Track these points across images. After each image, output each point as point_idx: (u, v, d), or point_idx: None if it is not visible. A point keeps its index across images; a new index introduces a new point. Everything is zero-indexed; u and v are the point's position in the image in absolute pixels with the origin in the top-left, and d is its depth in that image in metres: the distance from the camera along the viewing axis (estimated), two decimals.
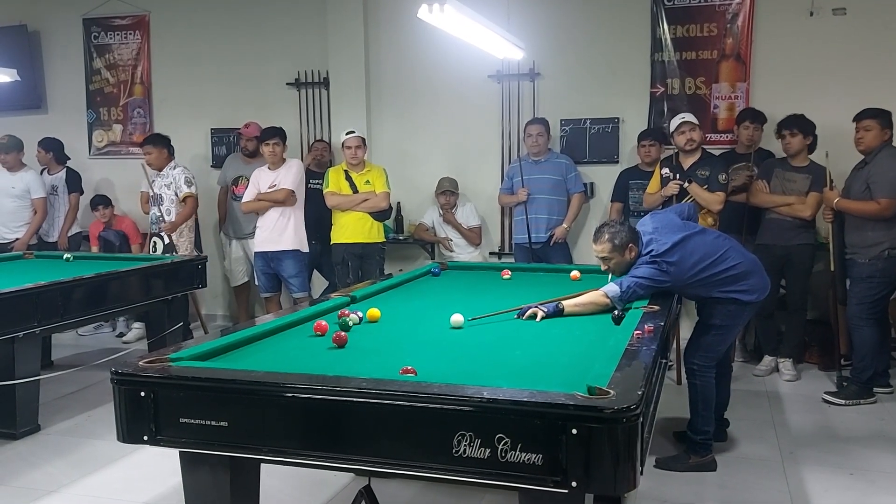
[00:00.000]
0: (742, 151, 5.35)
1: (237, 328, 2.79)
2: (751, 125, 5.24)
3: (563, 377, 2.07)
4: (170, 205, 5.80)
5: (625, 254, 3.24)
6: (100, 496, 3.37)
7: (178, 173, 5.82)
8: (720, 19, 5.65)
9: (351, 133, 5.50)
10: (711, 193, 4.72)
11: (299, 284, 5.67)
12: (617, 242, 3.23)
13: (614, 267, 3.29)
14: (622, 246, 3.23)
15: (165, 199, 5.81)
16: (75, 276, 4.36)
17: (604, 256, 3.27)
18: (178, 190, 5.79)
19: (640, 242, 3.28)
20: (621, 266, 3.27)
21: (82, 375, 4.99)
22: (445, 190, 5.96)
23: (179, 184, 5.79)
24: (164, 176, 5.85)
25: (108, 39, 7.10)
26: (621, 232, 3.26)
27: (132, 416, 2.14)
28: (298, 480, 3.37)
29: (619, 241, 3.23)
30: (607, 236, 3.25)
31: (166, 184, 5.82)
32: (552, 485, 1.77)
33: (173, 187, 5.80)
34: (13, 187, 6.21)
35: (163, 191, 5.81)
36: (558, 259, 5.53)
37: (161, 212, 5.83)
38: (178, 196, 5.79)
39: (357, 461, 2.01)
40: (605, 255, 3.26)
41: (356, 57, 6.29)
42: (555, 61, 5.99)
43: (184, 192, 5.78)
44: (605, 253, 3.25)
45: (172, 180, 5.81)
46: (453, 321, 2.87)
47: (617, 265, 3.28)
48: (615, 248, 3.23)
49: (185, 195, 5.78)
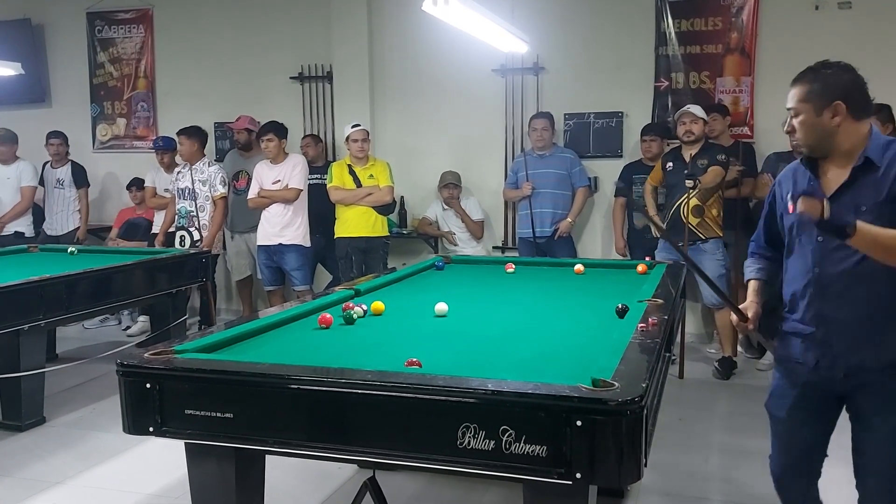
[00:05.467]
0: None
1: (242, 320, 2.79)
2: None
3: (568, 369, 2.06)
4: (204, 201, 5.78)
5: (823, 113, 2.12)
6: (105, 488, 3.39)
7: (213, 171, 5.79)
8: (725, 13, 5.64)
9: (357, 126, 5.51)
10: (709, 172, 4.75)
11: (301, 278, 5.68)
12: (816, 88, 2.12)
13: (800, 130, 2.19)
14: (824, 95, 2.11)
15: (200, 196, 5.78)
16: (80, 270, 4.38)
17: (792, 106, 2.20)
18: (212, 189, 5.75)
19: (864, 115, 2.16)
20: (812, 135, 2.17)
21: (87, 368, 5.00)
22: (448, 183, 5.97)
23: (215, 183, 5.75)
24: (197, 171, 5.80)
25: (111, 33, 7.10)
26: (837, 75, 2.12)
27: (138, 408, 2.15)
28: (303, 472, 3.39)
29: (821, 87, 2.12)
30: (810, 76, 2.16)
31: (201, 179, 5.78)
32: (556, 476, 1.77)
33: (209, 185, 5.77)
34: (8, 178, 6.23)
35: (198, 187, 5.78)
36: (562, 253, 5.53)
37: (195, 208, 5.80)
38: (211, 195, 5.76)
39: (362, 453, 2.02)
40: (794, 104, 2.19)
41: (360, 51, 6.29)
42: (559, 55, 5.98)
43: (218, 192, 5.74)
44: (795, 102, 2.18)
45: (208, 177, 5.77)
46: (438, 310, 2.87)
47: (806, 129, 2.17)
48: (811, 96, 2.13)
49: (219, 196, 5.75)
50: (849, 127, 2.15)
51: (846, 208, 2.11)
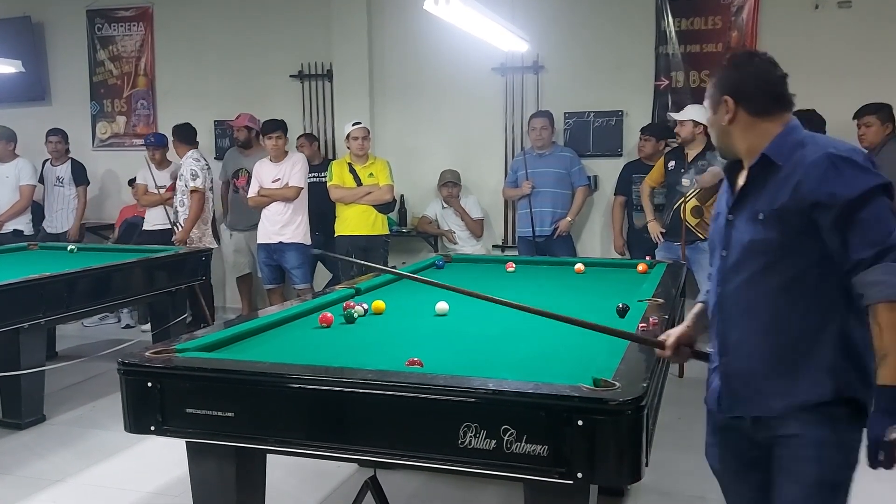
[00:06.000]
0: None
1: (242, 319, 2.80)
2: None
3: (569, 369, 2.07)
4: (182, 196, 5.77)
5: (718, 110, 1.92)
6: (105, 486, 3.39)
7: (188, 164, 5.77)
8: (725, 12, 5.64)
9: (357, 124, 5.50)
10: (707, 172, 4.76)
11: (301, 276, 5.68)
12: (713, 83, 1.95)
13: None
14: (716, 91, 1.93)
15: (178, 192, 5.79)
16: (80, 268, 4.37)
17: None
18: (186, 182, 5.76)
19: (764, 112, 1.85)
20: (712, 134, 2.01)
21: (87, 366, 5.00)
22: (448, 181, 5.97)
23: (187, 178, 5.74)
24: (182, 167, 5.84)
25: (111, 31, 7.10)
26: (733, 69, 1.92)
27: (139, 407, 2.15)
28: (303, 472, 3.39)
29: (715, 82, 1.94)
30: (715, 71, 1.98)
31: (180, 174, 5.80)
32: (557, 476, 1.78)
33: (183, 179, 5.77)
34: (7, 176, 6.22)
35: (177, 182, 5.80)
36: (562, 252, 5.53)
37: (176, 203, 5.82)
38: (187, 188, 5.76)
39: (363, 452, 2.02)
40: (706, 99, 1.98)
41: (360, 49, 6.29)
42: (559, 54, 5.98)
43: (190, 186, 5.72)
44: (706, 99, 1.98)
45: (183, 173, 5.78)
46: (438, 309, 2.88)
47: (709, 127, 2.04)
48: (709, 92, 1.97)
49: (191, 189, 5.71)
50: (746, 125, 1.86)
51: (747, 218, 1.82)
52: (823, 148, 1.74)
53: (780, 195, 1.76)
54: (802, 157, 1.75)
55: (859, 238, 1.65)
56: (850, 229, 1.66)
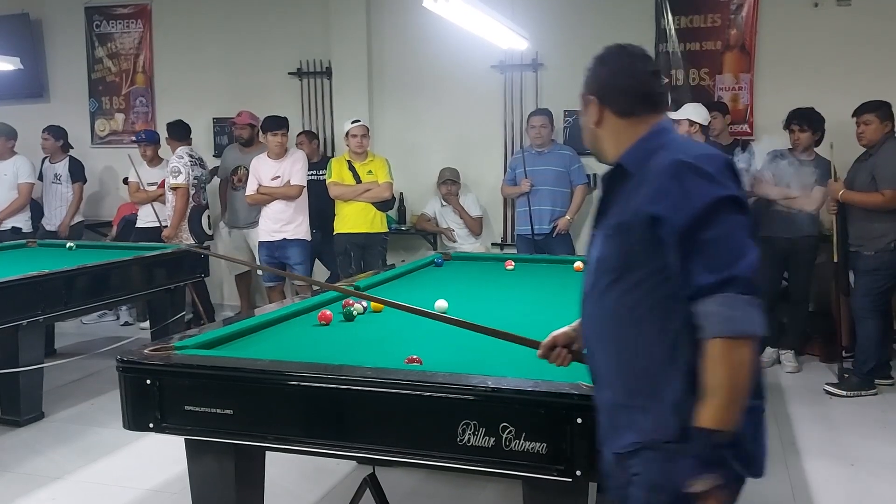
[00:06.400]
0: None
1: (241, 317, 2.80)
2: None
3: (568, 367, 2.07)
4: (168, 193, 5.78)
5: (587, 111, 1.81)
6: (104, 483, 3.39)
7: (172, 162, 5.78)
8: (725, 10, 5.63)
9: (356, 122, 5.50)
10: None
11: (303, 273, 5.67)
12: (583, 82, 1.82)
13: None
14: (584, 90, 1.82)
15: (166, 188, 5.80)
16: (78, 265, 4.37)
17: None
18: (167, 180, 5.76)
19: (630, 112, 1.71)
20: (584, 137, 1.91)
21: (85, 363, 5.00)
22: (447, 179, 5.97)
23: (169, 175, 5.76)
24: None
25: (110, 28, 7.08)
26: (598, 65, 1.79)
27: (138, 404, 2.15)
28: (302, 469, 3.39)
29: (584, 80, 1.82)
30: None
31: (167, 171, 5.82)
32: (556, 474, 1.78)
33: (169, 177, 5.78)
34: (5, 174, 6.20)
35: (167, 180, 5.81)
36: (561, 250, 5.52)
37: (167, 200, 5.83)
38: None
39: (362, 449, 2.03)
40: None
41: (359, 46, 6.28)
42: (558, 52, 5.97)
43: (170, 182, 5.72)
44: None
45: (169, 170, 5.79)
46: (437, 307, 2.88)
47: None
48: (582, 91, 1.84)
49: (171, 186, 5.72)
50: (615, 128, 1.69)
51: (603, 233, 1.64)
52: (674, 154, 1.53)
53: (627, 208, 1.57)
54: (654, 164, 1.55)
55: (702, 261, 1.44)
56: (693, 250, 1.45)
